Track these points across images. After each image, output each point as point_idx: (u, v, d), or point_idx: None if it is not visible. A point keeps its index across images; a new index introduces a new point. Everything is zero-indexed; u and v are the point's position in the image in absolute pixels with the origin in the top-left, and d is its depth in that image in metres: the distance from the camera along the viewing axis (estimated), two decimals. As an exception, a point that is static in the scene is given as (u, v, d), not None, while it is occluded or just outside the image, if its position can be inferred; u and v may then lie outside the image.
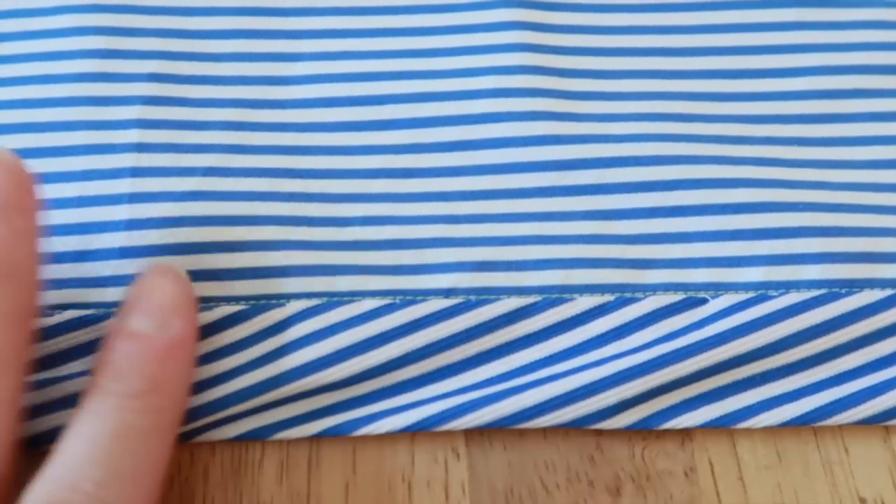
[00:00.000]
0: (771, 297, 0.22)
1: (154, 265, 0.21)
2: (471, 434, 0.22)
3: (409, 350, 0.22)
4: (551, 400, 0.21)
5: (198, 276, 0.23)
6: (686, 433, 0.22)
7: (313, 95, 0.25)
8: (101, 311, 0.22)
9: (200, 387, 0.22)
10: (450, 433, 0.22)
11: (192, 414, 0.21)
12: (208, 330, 0.22)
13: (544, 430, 0.22)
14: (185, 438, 0.22)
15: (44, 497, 0.17)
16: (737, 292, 0.22)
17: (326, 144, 0.25)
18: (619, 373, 0.21)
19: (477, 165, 0.24)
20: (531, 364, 0.22)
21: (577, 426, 0.21)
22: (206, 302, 0.22)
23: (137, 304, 0.20)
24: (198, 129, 0.25)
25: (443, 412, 0.21)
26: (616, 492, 0.22)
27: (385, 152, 0.24)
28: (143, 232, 0.23)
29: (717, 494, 0.21)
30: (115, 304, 0.22)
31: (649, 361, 0.21)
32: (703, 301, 0.22)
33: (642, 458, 0.22)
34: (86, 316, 0.22)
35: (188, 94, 0.25)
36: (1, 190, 0.19)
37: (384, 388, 0.22)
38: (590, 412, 0.21)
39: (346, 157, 0.24)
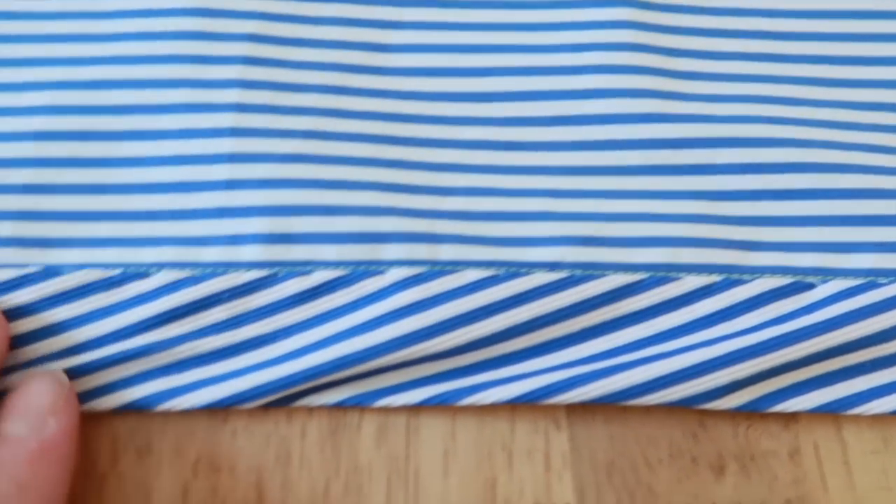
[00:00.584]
0: (880, 285, 0.22)
1: (31, 372, 0.21)
2: (572, 406, 0.22)
3: (515, 324, 0.22)
4: (661, 378, 0.21)
5: (296, 239, 0.22)
6: (790, 414, 0.22)
7: (414, 64, 0.25)
8: (199, 271, 0.22)
9: (297, 353, 0.21)
10: (550, 405, 0.22)
11: (289, 379, 0.21)
12: (305, 295, 0.22)
13: (646, 406, 0.22)
14: (283, 403, 0.21)
15: None
16: (845, 278, 0.22)
17: (427, 114, 0.24)
18: (730, 354, 0.21)
19: (581, 141, 0.24)
20: (637, 342, 0.22)
21: (685, 405, 0.21)
22: (304, 266, 0.22)
23: (13, 408, 0.19)
24: (297, 92, 0.24)
25: (549, 385, 0.21)
26: (720, 470, 0.21)
27: (487, 124, 0.24)
28: (243, 192, 0.23)
29: (822, 477, 0.21)
30: (212, 265, 0.22)
31: (759, 344, 0.21)
32: (811, 286, 0.22)
33: (746, 437, 0.22)
34: (182, 278, 0.22)
35: (288, 56, 0.25)
36: (39, 401, 0.20)
37: (488, 359, 0.22)
38: (699, 392, 0.21)
39: (447, 126, 0.24)
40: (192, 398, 0.21)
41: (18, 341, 0.21)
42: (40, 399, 0.20)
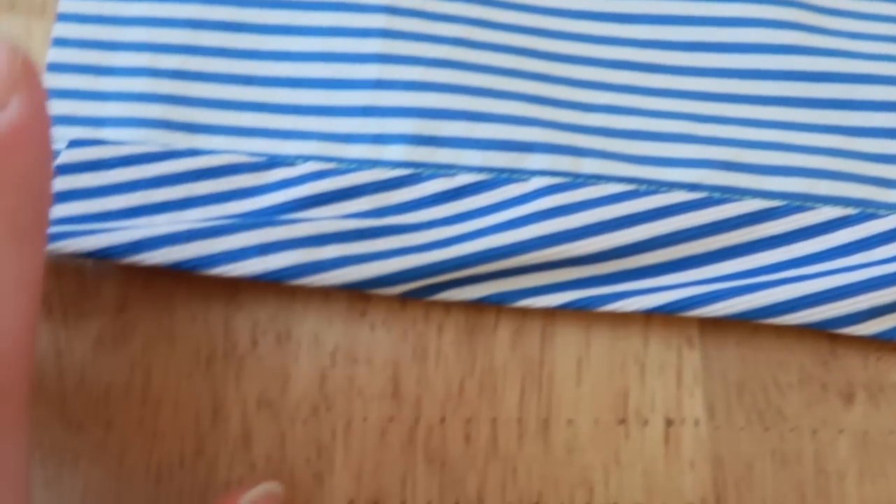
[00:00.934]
0: None
1: None
2: (704, 325, 0.22)
3: (656, 235, 0.22)
4: (802, 298, 0.21)
5: (440, 142, 0.23)
6: (922, 348, 0.22)
7: None
8: (343, 165, 0.22)
9: (443, 242, 0.22)
10: (684, 323, 0.22)
11: (434, 266, 0.21)
12: (449, 194, 0.22)
13: (777, 329, 0.22)
14: (423, 294, 0.22)
15: None
16: (983, 218, 0.22)
17: (569, 31, 0.24)
18: (871, 280, 0.21)
19: (721, 68, 0.24)
20: (775, 265, 0.22)
21: (823, 328, 0.21)
22: (448, 169, 0.23)
23: None
24: (445, 0, 0.24)
25: (689, 298, 0.21)
26: (849, 398, 0.22)
27: (629, 45, 0.24)
28: (390, 93, 0.23)
29: (952, 410, 0.22)
30: (356, 161, 0.22)
31: (899, 272, 0.21)
32: None
33: (876, 368, 0.22)
34: (328, 169, 0.22)
35: None
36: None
37: (628, 270, 0.22)
38: (841, 314, 0.21)
39: (589, 45, 0.24)
40: (335, 276, 0.21)
41: (155, 209, 0.21)
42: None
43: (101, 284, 0.22)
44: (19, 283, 0.15)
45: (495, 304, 0.22)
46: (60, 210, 0.21)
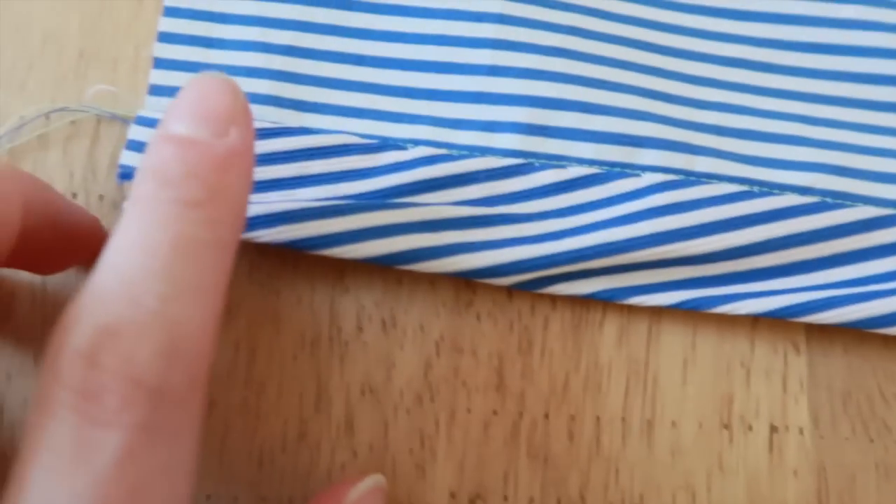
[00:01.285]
0: None
1: (203, 72, 0.17)
2: (811, 331, 0.22)
3: (769, 238, 0.22)
4: (919, 310, 0.21)
5: (553, 132, 0.22)
6: None
7: None
8: (453, 151, 0.22)
9: (556, 234, 0.21)
10: (791, 327, 0.22)
11: (548, 259, 0.21)
12: (561, 185, 0.22)
13: (885, 339, 0.22)
14: (533, 287, 0.21)
15: (101, 314, 0.14)
16: None
17: (684, 25, 0.24)
18: None
19: (837, 71, 0.24)
20: (888, 274, 0.22)
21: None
22: (559, 160, 0.22)
23: (188, 109, 0.16)
24: None
25: (802, 304, 0.21)
26: (956, 412, 0.21)
27: (744, 42, 0.24)
28: (504, 80, 0.23)
29: None
30: (466, 147, 0.22)
31: None
32: None
33: (984, 384, 0.22)
34: (440, 154, 0.22)
35: None
36: (218, 105, 0.17)
37: (740, 272, 0.22)
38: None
39: (704, 40, 0.24)
40: (448, 263, 0.21)
41: (268, 186, 0.21)
42: (219, 105, 0.17)
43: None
44: (214, 285, 0.16)
45: (604, 300, 0.22)
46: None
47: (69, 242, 0.20)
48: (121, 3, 0.23)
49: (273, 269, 0.21)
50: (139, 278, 0.15)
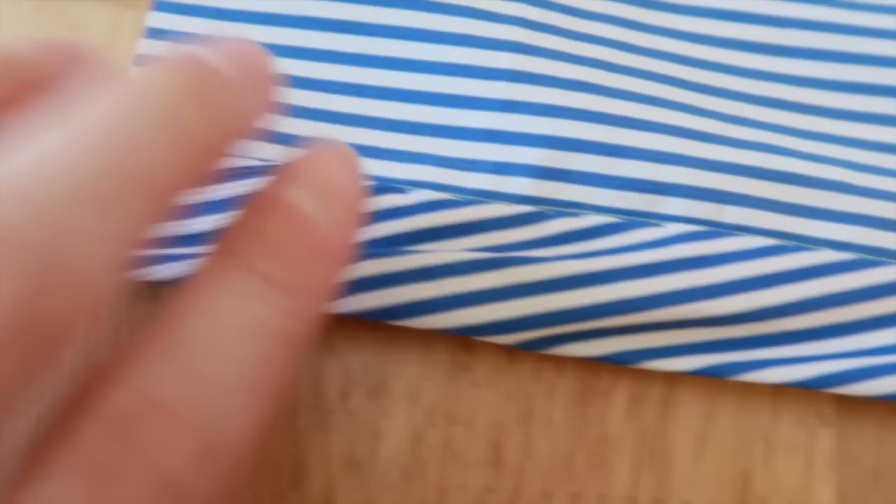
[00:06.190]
0: None
1: (331, 142, 0.16)
2: (840, 402, 0.20)
3: (802, 298, 0.19)
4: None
5: (570, 177, 0.20)
6: None
7: (710, 4, 0.22)
8: (460, 196, 0.20)
9: (564, 283, 0.19)
10: (818, 397, 0.20)
11: (554, 316, 0.19)
12: (573, 235, 0.20)
13: (922, 415, 0.20)
14: (537, 346, 0.19)
15: (166, 389, 0.12)
16: None
17: (720, 61, 0.22)
18: None
19: (880, 115, 0.21)
20: (931, 338, 0.20)
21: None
22: (575, 208, 0.20)
23: (306, 177, 0.15)
24: (586, 18, 0.22)
25: (839, 373, 0.19)
26: None
27: (783, 82, 0.22)
28: (519, 117, 0.20)
29: None
30: (475, 192, 0.20)
31: None
32: None
33: None
34: (442, 200, 0.19)
35: None
36: (338, 180, 0.15)
37: (768, 335, 0.20)
38: None
39: (740, 78, 0.22)
40: (448, 318, 0.19)
41: None
42: (340, 182, 0.15)
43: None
44: (284, 385, 0.14)
45: (616, 363, 0.20)
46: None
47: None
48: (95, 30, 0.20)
49: (248, 330, 0.19)
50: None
